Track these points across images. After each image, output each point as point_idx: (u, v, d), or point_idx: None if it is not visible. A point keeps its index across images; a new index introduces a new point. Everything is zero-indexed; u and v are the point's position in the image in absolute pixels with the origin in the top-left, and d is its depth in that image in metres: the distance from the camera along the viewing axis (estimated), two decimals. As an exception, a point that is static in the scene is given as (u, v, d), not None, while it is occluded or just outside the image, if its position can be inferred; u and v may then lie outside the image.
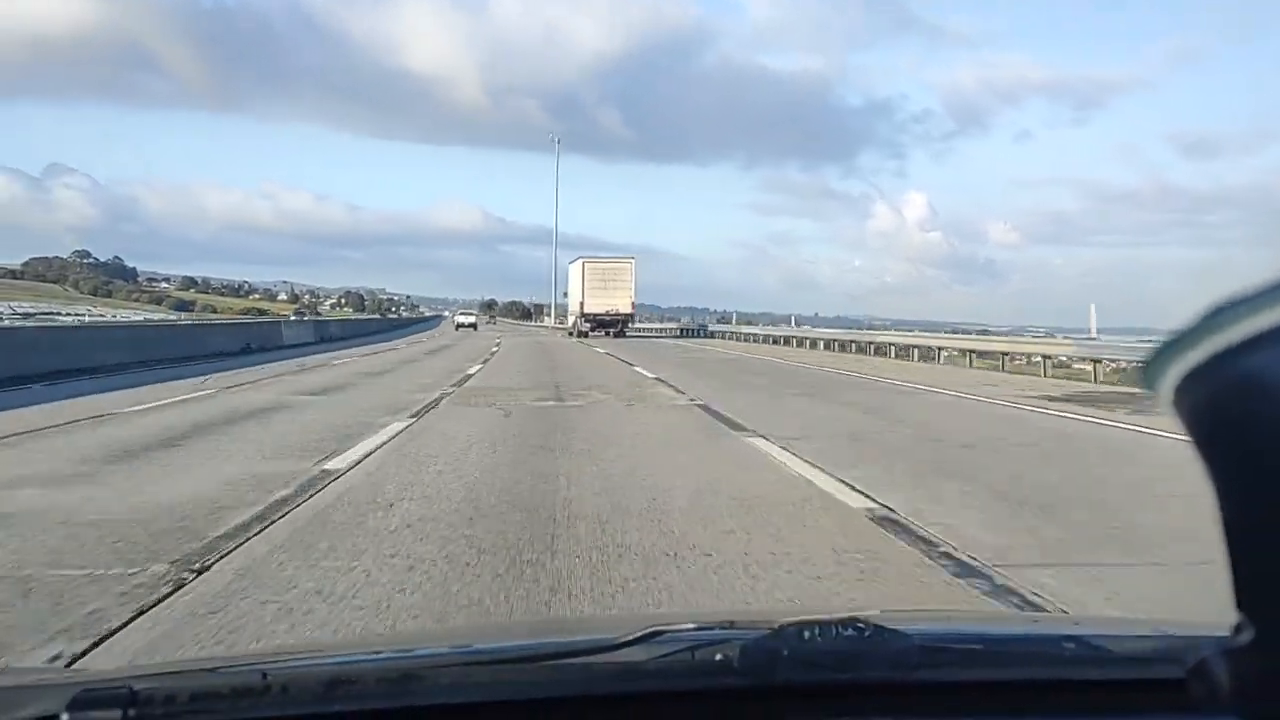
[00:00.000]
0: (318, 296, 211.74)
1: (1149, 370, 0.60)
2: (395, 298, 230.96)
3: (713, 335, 44.76)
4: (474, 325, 62.95)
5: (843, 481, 6.09)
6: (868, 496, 5.61)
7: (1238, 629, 0.60)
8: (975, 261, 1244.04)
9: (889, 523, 4.93)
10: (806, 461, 6.95)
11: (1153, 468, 7.23)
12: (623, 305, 39.86)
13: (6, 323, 34.30)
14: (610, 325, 39.15)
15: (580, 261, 41.96)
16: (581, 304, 40.23)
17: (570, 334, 40.00)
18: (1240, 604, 0.60)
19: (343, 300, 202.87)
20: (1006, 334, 30.67)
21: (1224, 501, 0.58)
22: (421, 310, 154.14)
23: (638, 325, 46.22)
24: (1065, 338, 26.42)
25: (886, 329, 41.00)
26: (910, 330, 40.32)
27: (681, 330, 48.01)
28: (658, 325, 57.25)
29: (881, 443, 8.41)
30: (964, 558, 4.21)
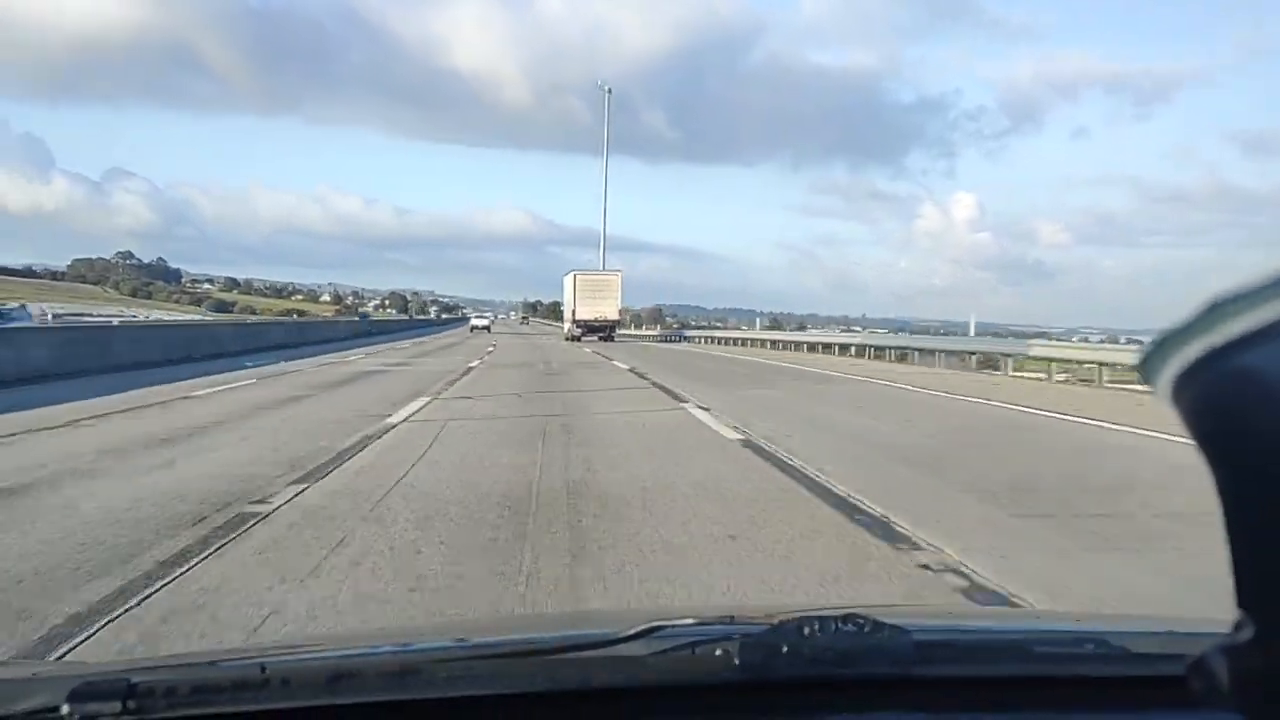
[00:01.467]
0: (361, 298, 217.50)
1: (1147, 365, 0.61)
2: (443, 300, 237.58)
3: (689, 339, 51.43)
4: (487, 327, 71.60)
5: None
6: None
7: (1238, 626, 0.61)
8: (1024, 262, 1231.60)
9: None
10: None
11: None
12: (610, 313, 46.75)
13: (50, 322, 38.00)
14: (599, 330, 45.80)
15: (573, 274, 48.60)
16: (574, 311, 46.83)
17: (567, 338, 46.12)
18: (1241, 600, 0.61)
19: (386, 302, 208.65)
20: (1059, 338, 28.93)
21: (1225, 498, 0.60)
22: (465, 311, 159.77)
23: (624, 332, 53.28)
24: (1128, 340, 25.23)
25: (937, 332, 43.44)
26: (949, 332, 41.95)
27: (665, 337, 54.54)
28: (643, 332, 65.23)
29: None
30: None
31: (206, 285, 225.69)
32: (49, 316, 44.93)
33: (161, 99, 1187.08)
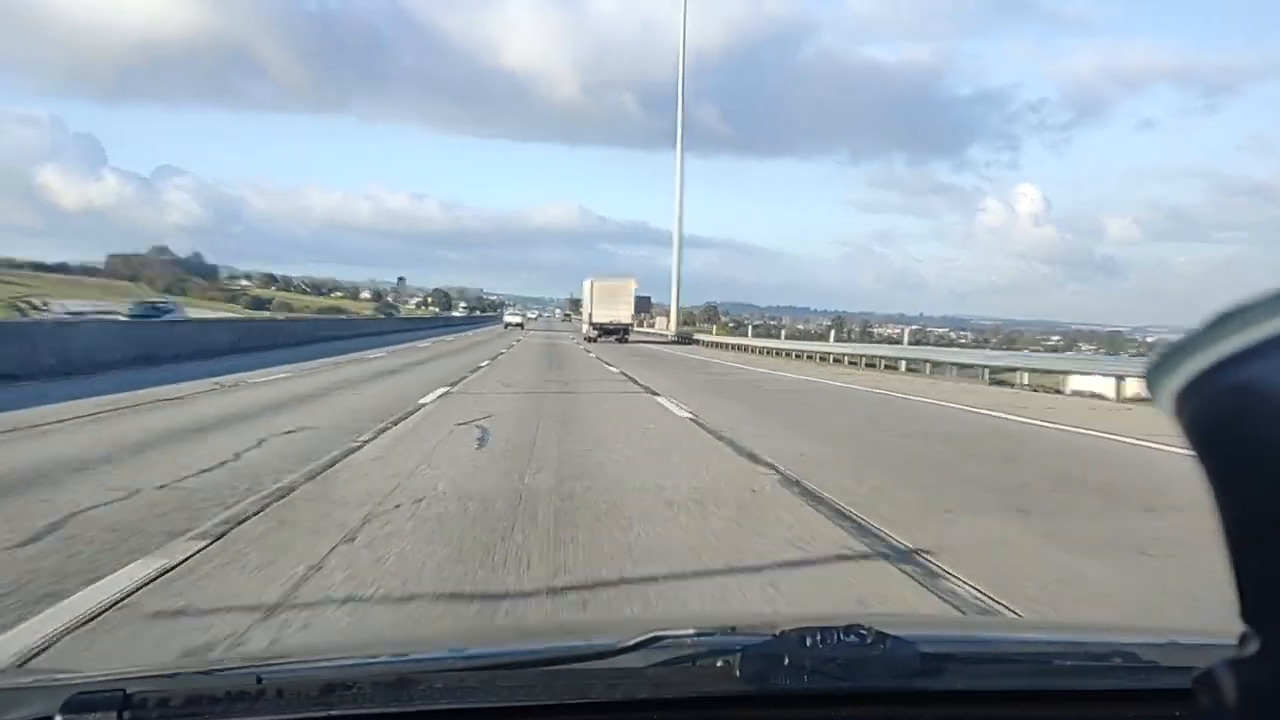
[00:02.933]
0: (401, 295, 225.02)
1: (1150, 379, 0.64)
2: (490, 297, 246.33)
3: (697, 342, 57.23)
4: (520, 324, 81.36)
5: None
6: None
7: (1244, 639, 0.62)
8: (1091, 258, 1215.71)
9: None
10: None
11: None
12: (624, 316, 53.56)
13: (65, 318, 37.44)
14: (614, 332, 52.21)
15: (591, 281, 55.29)
16: (590, 314, 54.05)
17: (585, 338, 52.23)
18: (1245, 614, 0.62)
19: (429, 299, 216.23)
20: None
21: (1226, 512, 0.62)
22: (513, 308, 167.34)
23: (638, 331, 60.93)
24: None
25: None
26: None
27: (678, 338, 59.99)
28: (658, 333, 69.93)
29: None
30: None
31: (244, 281, 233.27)
32: (64, 314, 44.85)
33: (216, 99, 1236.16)
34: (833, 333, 54.23)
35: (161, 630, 3.43)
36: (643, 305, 64.72)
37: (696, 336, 59.43)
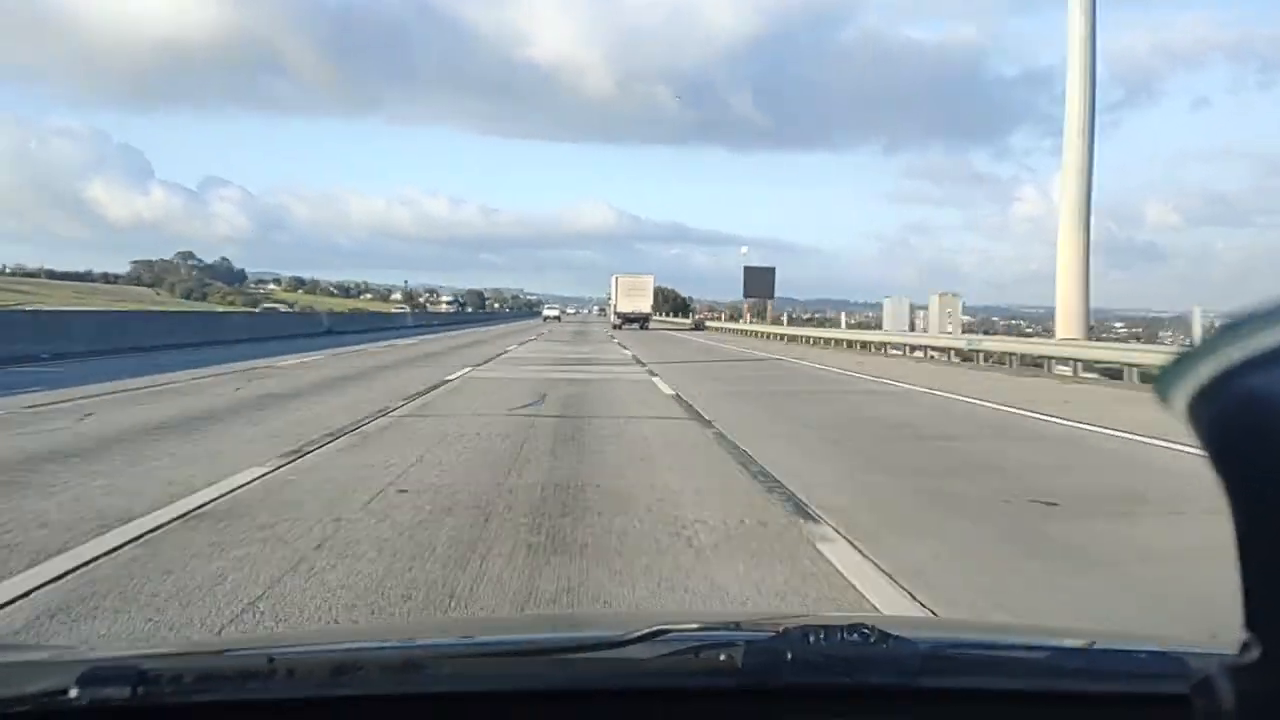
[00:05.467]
0: (437, 296, 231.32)
1: (1162, 384, 0.67)
2: (530, 297, 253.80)
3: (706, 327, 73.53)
4: (558, 317, 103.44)
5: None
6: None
7: (1245, 646, 0.65)
8: (1133, 245, 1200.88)
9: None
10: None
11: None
12: (644, 307, 68.33)
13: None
14: (636, 321, 65.94)
15: (615, 276, 71.14)
16: (615, 306, 69.41)
17: (613, 326, 65.34)
18: (1249, 621, 0.66)
19: (461, 300, 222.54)
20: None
21: (1238, 518, 0.65)
22: (551, 305, 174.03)
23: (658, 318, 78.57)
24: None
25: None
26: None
27: (695, 325, 76.43)
28: (673, 319, 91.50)
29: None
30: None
31: (272, 285, 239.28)
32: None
33: (245, 102, 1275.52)
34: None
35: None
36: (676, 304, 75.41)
37: (707, 324, 76.97)
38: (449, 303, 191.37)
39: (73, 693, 1.06)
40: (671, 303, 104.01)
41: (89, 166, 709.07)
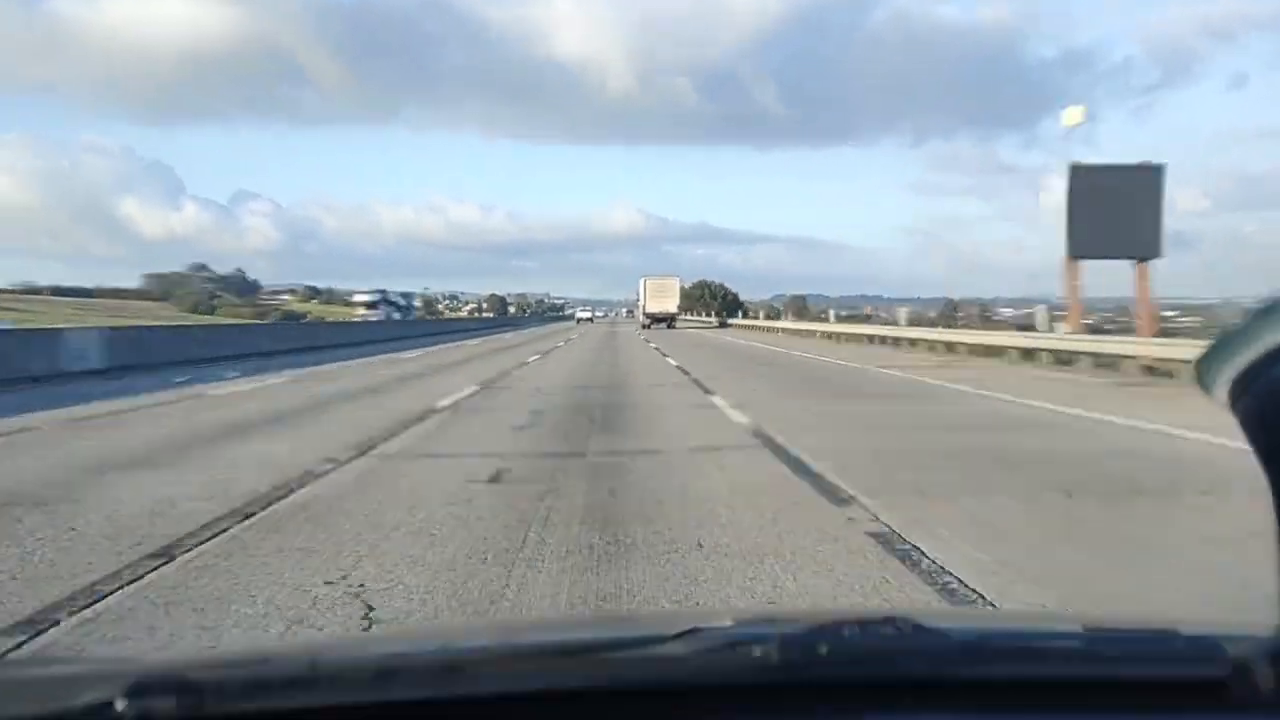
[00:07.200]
0: (458, 302, 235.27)
1: (1201, 370, 0.70)
2: (558, 301, 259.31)
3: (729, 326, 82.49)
4: (590, 319, 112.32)
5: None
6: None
7: None
8: (1169, 230, 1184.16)
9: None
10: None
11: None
12: (671, 307, 75.87)
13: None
14: (663, 320, 73.83)
15: (644, 279, 79.70)
16: (644, 307, 77.56)
17: (641, 325, 72.55)
18: None
19: (485, 305, 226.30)
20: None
21: (1275, 503, 0.68)
22: (583, 308, 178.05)
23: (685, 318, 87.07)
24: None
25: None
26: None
27: (720, 323, 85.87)
28: (699, 318, 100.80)
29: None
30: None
31: (285, 296, 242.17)
32: None
33: (266, 112, 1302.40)
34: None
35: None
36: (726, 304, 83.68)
37: (729, 322, 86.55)
38: (471, 310, 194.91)
39: (119, 705, 1.08)
40: (720, 300, 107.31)
41: (121, 184, 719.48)
